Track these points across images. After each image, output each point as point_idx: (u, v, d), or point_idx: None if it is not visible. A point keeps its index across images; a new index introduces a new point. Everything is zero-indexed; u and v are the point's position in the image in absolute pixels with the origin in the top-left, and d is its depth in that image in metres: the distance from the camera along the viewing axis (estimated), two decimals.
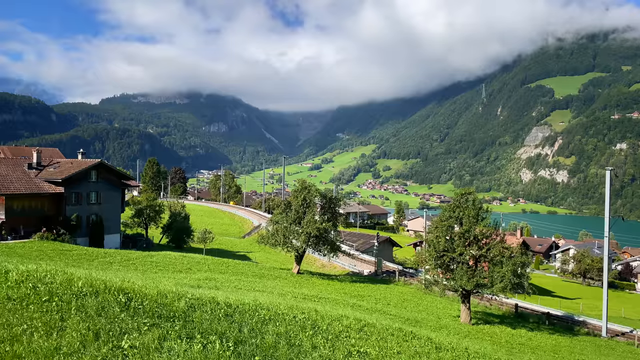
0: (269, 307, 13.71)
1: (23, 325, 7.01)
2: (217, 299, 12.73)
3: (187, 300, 11.27)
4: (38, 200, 43.52)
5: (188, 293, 12.29)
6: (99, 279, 10.42)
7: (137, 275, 29.66)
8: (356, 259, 57.64)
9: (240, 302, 13.37)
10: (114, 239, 48.75)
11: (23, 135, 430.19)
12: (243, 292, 23.91)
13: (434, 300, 40.28)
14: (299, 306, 16.16)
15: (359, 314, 18.70)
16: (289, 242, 42.98)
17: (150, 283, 15.22)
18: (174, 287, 13.47)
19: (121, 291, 9.92)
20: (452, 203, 30.68)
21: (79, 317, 8.02)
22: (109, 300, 9.19)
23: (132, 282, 11.65)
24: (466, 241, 29.36)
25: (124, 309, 9.03)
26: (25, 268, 10.43)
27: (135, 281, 13.13)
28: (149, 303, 9.75)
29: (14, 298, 8.16)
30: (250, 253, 69.30)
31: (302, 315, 13.84)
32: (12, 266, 10.84)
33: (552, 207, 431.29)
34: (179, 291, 12.21)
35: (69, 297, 8.76)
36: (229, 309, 11.98)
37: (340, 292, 36.02)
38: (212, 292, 18.59)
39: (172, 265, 37.89)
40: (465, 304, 30.48)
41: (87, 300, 8.85)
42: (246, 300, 14.40)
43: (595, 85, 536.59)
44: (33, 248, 36.64)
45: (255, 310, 12.92)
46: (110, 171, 49.00)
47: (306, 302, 24.03)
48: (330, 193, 46.76)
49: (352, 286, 41.37)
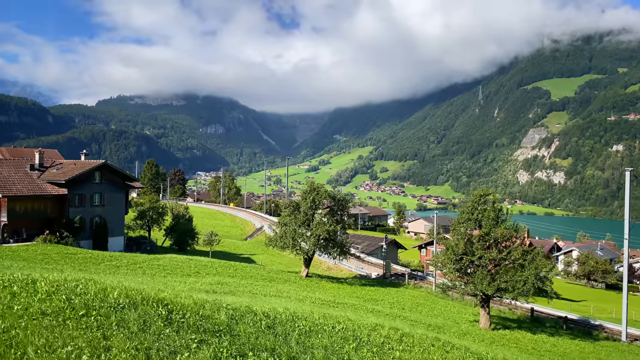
0: (305, 317, 12.86)
1: (67, 347, 6.11)
2: (252, 309, 11.87)
3: (226, 310, 10.39)
4: (41, 202, 42.44)
5: (223, 302, 11.42)
6: (134, 289, 9.53)
7: (147, 279, 28.73)
8: (363, 262, 56.78)
9: (276, 311, 12.51)
10: (118, 241, 47.71)
11: (19, 137, 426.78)
12: (261, 298, 23.01)
13: (446, 304, 39.48)
14: (331, 314, 15.30)
15: (391, 322, 17.86)
16: (298, 244, 42.08)
17: (179, 291, 14.34)
18: (205, 296, 12.60)
19: (159, 302, 9.04)
20: (470, 204, 29.86)
21: (123, 335, 7.14)
22: (150, 314, 8.31)
23: (166, 291, 10.76)
24: (486, 244, 28.55)
25: (167, 323, 8.16)
26: (54, 277, 9.53)
27: (161, 288, 12.24)
28: (191, 315, 8.87)
29: (48, 313, 7.27)
30: (254, 255, 68.36)
31: (339, 326, 13.00)
32: (37, 274, 9.92)
33: (549, 208, 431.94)
34: (215, 301, 11.34)
35: (106, 311, 7.87)
36: (267, 319, 11.12)
37: (353, 297, 35.16)
38: (234, 298, 17.71)
39: (179, 269, 36.94)
40: (484, 308, 29.65)
41: (127, 314, 7.96)
42: (279, 309, 13.53)
43: (592, 87, 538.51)
44: (37, 251, 35.59)
45: (293, 321, 12.07)
46: (114, 172, 47.98)
47: (327, 308, 23.17)
48: (339, 194, 45.91)
49: (363, 290, 40.52)
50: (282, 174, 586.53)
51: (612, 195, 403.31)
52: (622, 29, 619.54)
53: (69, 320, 7.21)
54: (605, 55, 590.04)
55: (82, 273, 25.32)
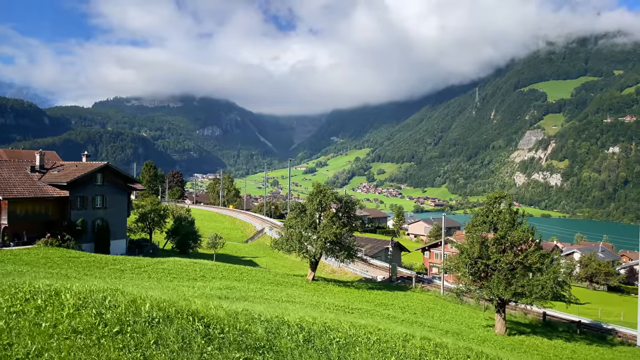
0: (337, 328, 12.14)
1: None
2: (284, 319, 11.13)
3: (260, 322, 9.66)
4: (42, 204, 41.53)
5: (253, 312, 10.68)
6: (165, 301, 8.78)
7: (153, 284, 27.94)
8: (368, 265, 56.05)
9: (308, 322, 11.79)
10: (120, 244, 46.83)
11: (15, 139, 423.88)
12: (275, 304, 22.26)
13: (456, 308, 38.82)
14: (358, 323, 14.58)
15: (417, 331, 17.15)
16: (304, 247, 41.32)
17: (191, 297, 13.58)
18: (225, 303, 11.86)
19: (194, 315, 8.30)
20: (485, 207, 29.21)
21: (164, 355, 6.41)
22: (187, 329, 7.57)
23: (199, 302, 10.01)
24: (501, 247, 27.90)
25: (207, 339, 7.42)
26: (78, 288, 8.77)
27: (188, 298, 11.49)
28: (229, 330, 8.14)
29: (80, 330, 6.52)
30: (257, 258, 67.58)
31: (373, 337, 12.28)
32: (59, 284, 9.16)
33: (546, 210, 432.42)
34: (247, 311, 10.60)
35: (142, 327, 7.12)
36: (302, 331, 10.38)
37: (364, 301, 34.44)
38: (258, 307, 16.96)
39: (185, 273, 36.13)
40: (500, 314, 28.98)
41: (164, 330, 7.22)
42: (307, 318, 12.81)
43: (588, 89, 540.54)
44: (39, 255, 34.71)
45: (326, 332, 11.34)
46: (116, 174, 47.11)
47: (344, 314, 22.45)
48: (346, 196, 45.20)
49: (371, 294, 39.79)
50: (279, 175, 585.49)
51: (608, 197, 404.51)
52: (617, 31, 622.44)
53: (104, 339, 6.47)
54: (601, 57, 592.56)
55: (101, 281, 24.51)
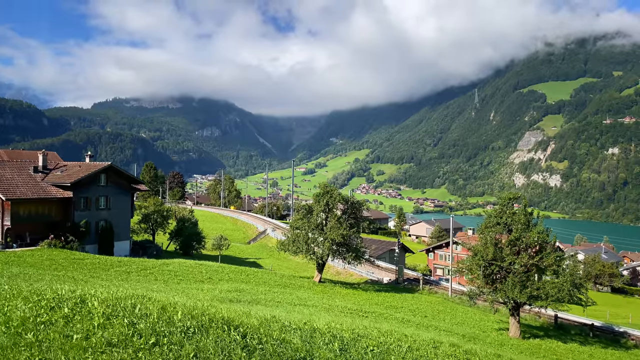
0: (367, 335, 11.61)
1: None
2: (314, 325, 10.61)
3: (294, 331, 9.14)
4: (45, 205, 40.94)
5: (281, 319, 10.14)
6: (197, 308, 8.25)
7: (161, 286, 27.40)
8: (373, 266, 55.54)
9: (336, 328, 11.26)
10: (124, 245, 46.23)
11: (14, 140, 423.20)
12: (288, 307, 21.75)
13: (466, 310, 38.31)
14: (384, 329, 14.07)
15: (438, 336, 16.64)
16: (312, 249, 40.78)
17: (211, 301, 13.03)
18: (242, 307, 11.32)
19: (229, 324, 7.76)
20: (498, 208, 28.69)
21: None
22: (225, 339, 7.04)
23: (229, 309, 9.47)
24: (515, 249, 27.39)
25: (247, 351, 6.89)
26: (104, 294, 8.24)
27: (214, 304, 10.96)
28: (267, 340, 7.61)
29: (114, 343, 5.98)
30: (260, 259, 67.03)
31: (404, 344, 11.76)
32: (83, 290, 8.61)
33: (546, 211, 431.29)
34: (275, 317, 10.07)
35: (178, 338, 6.59)
36: (335, 339, 9.84)
37: (373, 304, 33.91)
38: (266, 309, 16.43)
39: (191, 275, 35.56)
40: (514, 317, 28.48)
41: (201, 341, 6.68)
42: (334, 324, 12.29)
43: (587, 91, 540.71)
44: (43, 257, 34.12)
45: (357, 340, 10.80)
46: (120, 175, 46.52)
47: (360, 318, 21.93)
48: (352, 197, 44.68)
49: (379, 296, 39.28)
50: (279, 176, 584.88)
51: (608, 198, 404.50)
52: (617, 32, 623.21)
53: (141, 352, 5.94)
54: (600, 58, 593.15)
55: (117, 284, 23.91)
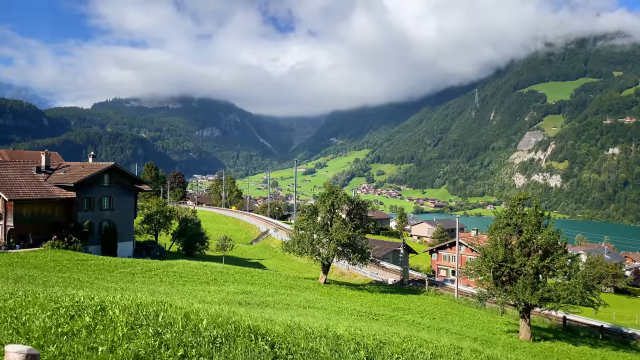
0: (389, 341, 11.25)
1: None
2: (336, 332, 10.25)
3: (319, 339, 8.78)
4: (48, 205, 40.59)
5: (306, 327, 9.79)
6: (221, 315, 7.89)
7: (167, 288, 27.06)
8: (377, 267, 55.09)
9: (356, 334, 10.91)
10: (127, 246, 45.87)
11: (14, 140, 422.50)
12: (298, 310, 21.39)
13: (472, 312, 37.98)
14: (403, 334, 13.71)
15: (464, 342, 16.28)
16: (317, 250, 40.42)
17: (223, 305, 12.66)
18: (276, 315, 10.96)
19: (255, 332, 7.41)
20: (508, 209, 28.34)
21: None
22: (254, 350, 6.68)
23: (253, 316, 9.11)
24: (526, 251, 27.04)
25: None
26: (124, 301, 7.88)
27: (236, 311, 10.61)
28: (295, 350, 7.26)
29: (142, 356, 5.62)
30: (263, 260, 66.67)
31: (427, 351, 11.41)
32: (100, 296, 8.24)
33: (546, 211, 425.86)
34: (295, 323, 9.72)
35: (207, 349, 6.22)
36: (360, 347, 9.49)
37: (380, 306, 33.56)
38: (276, 312, 16.08)
39: (196, 276, 35.20)
40: (525, 319, 28.15)
41: (231, 352, 6.33)
42: (354, 330, 11.94)
43: (587, 91, 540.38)
44: (47, 258, 33.77)
45: (380, 347, 10.45)
46: (123, 175, 46.18)
47: (372, 321, 21.60)
48: (357, 198, 44.32)
49: (386, 297, 38.94)
50: (279, 176, 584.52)
51: (608, 198, 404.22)
52: (617, 32, 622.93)
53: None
54: (600, 58, 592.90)
55: (175, 297, 23.54)
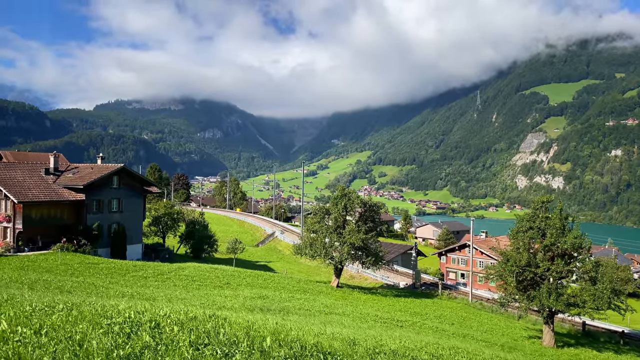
0: (441, 355, 10.64)
1: None
2: (390, 347, 9.63)
3: (379, 354, 8.16)
4: (57, 208, 40.01)
5: (361, 341, 9.15)
6: (282, 331, 7.26)
7: (183, 293, 26.44)
8: (388, 270, 54.51)
9: (409, 348, 10.29)
10: (136, 249, 45.28)
11: (16, 142, 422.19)
12: (322, 317, 20.77)
13: (490, 317, 37.31)
14: (446, 344, 13.09)
15: (494, 350, 15.66)
16: (330, 253, 39.77)
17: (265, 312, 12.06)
18: (326, 328, 10.35)
19: (323, 352, 6.78)
20: (531, 212, 27.69)
21: None
22: None
23: (308, 330, 8.49)
24: (550, 255, 26.38)
25: None
26: (176, 315, 7.25)
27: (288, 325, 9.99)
28: None
29: None
30: (270, 263, 66.04)
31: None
32: (152, 312, 7.62)
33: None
34: (349, 338, 9.09)
35: None
36: None
37: (397, 310, 32.92)
38: (307, 320, 15.48)
39: (209, 280, 34.58)
40: (548, 325, 27.46)
41: None
42: (404, 343, 11.32)
43: (589, 93, 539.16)
44: (57, 261, 33.17)
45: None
46: (133, 177, 45.60)
47: (396, 328, 20.96)
48: (370, 200, 43.68)
49: (400, 302, 38.27)
50: (280, 178, 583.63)
51: (611, 200, 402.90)
52: (619, 34, 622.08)
53: None
54: (603, 60, 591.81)
55: (227, 311, 22.94)
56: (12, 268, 29.04)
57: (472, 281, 42.32)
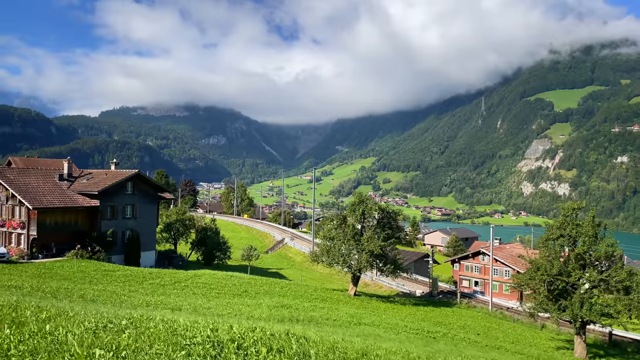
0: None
1: None
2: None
3: None
4: (71, 214, 39.52)
5: (413, 355, 8.52)
6: (370, 350, 6.65)
7: (204, 301, 25.80)
8: (402, 278, 53.63)
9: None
10: (150, 256, 44.71)
11: (22, 148, 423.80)
12: (354, 328, 20.09)
13: (513, 327, 36.48)
14: (478, 355, 12.40)
15: None
16: (348, 261, 39.06)
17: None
18: (380, 343, 9.73)
19: None
20: (561, 219, 26.95)
21: None
22: None
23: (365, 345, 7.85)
24: (582, 263, 25.62)
25: None
26: (257, 334, 6.65)
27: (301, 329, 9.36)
28: None
29: None
30: (282, 270, 65.29)
31: None
32: (227, 332, 7.00)
33: (555, 220, 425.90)
34: (410, 354, 8.45)
35: None
36: None
37: (420, 320, 32.15)
38: (333, 330, 14.81)
39: (226, 288, 33.93)
40: (580, 336, 26.65)
41: None
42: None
43: (595, 99, 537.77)
44: (73, 269, 32.61)
45: None
46: (147, 182, 45.12)
47: (431, 340, 20.25)
48: (387, 206, 42.99)
49: (419, 311, 37.49)
50: (285, 184, 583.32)
51: (617, 207, 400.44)
52: (624, 40, 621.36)
53: None
54: (608, 66, 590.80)
55: (311, 329, 22.33)
56: (29, 275, 28.50)
57: (492, 290, 41.48)
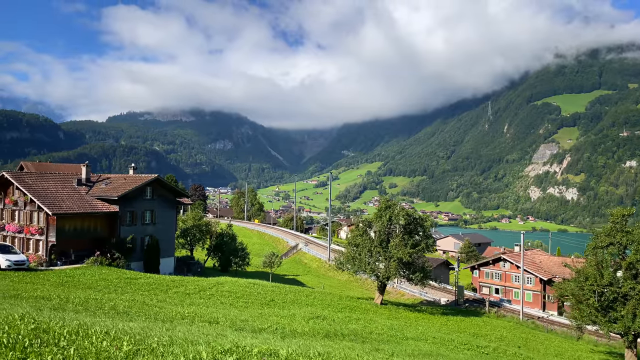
0: None
1: None
2: None
3: None
4: (91, 220, 38.47)
5: None
6: None
7: (237, 313, 24.59)
8: (425, 285, 52.20)
9: None
10: (169, 262, 43.60)
11: (30, 153, 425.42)
12: (412, 343, 18.81)
13: (550, 338, 35.05)
14: None
15: None
16: (376, 268, 37.77)
17: None
18: None
19: None
20: (609, 226, 25.61)
21: None
22: None
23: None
24: (634, 272, 24.25)
25: None
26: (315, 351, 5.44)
27: None
28: None
29: None
30: (299, 276, 64.08)
31: None
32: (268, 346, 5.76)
33: (563, 225, 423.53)
34: None
35: None
36: None
37: (455, 331, 30.80)
38: (401, 348, 13.56)
39: (252, 296, 32.70)
40: (631, 349, 25.22)
41: None
42: None
43: (602, 103, 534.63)
44: (95, 276, 31.50)
45: None
46: (166, 187, 44.05)
47: (484, 356, 18.93)
48: (414, 212, 41.70)
49: (450, 321, 36.12)
50: (290, 189, 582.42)
51: None
52: (630, 44, 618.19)
53: None
54: (615, 71, 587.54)
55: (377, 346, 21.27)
56: (52, 284, 27.42)
57: (523, 299, 40.01)
